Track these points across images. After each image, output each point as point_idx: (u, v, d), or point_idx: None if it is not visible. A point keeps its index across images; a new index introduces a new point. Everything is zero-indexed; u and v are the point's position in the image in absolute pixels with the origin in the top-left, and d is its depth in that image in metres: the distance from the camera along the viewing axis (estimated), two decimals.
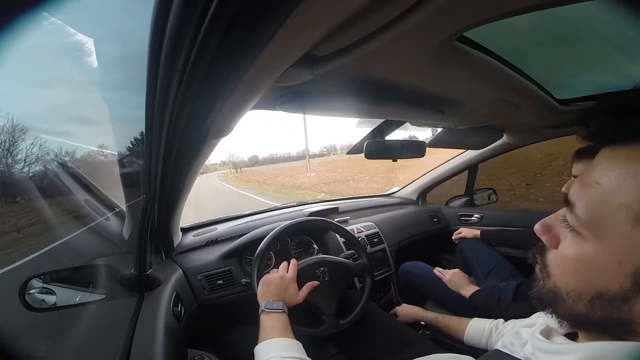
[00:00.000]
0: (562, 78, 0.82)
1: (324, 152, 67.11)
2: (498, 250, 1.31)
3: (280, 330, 0.62)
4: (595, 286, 0.26)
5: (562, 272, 0.30)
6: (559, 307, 0.30)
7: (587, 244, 0.27)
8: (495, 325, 0.74)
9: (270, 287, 0.74)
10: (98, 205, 1.13)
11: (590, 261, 0.27)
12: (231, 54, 0.34)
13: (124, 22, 0.51)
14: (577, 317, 0.28)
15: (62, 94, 6.54)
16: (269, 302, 0.68)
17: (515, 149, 1.47)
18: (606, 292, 0.25)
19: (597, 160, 0.28)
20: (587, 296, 0.27)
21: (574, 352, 0.29)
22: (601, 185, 0.26)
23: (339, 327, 0.84)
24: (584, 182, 0.28)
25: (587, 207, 0.27)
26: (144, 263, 0.72)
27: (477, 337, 0.76)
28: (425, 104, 0.78)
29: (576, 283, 0.28)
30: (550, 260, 0.31)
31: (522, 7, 0.41)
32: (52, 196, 3.07)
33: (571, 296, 0.28)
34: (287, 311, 0.69)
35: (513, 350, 0.39)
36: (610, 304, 0.25)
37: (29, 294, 0.66)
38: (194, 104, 0.42)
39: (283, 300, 0.70)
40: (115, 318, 0.73)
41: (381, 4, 0.34)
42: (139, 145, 0.71)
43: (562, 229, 0.30)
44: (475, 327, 0.77)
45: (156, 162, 0.56)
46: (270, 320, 0.64)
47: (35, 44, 0.50)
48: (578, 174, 0.80)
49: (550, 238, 0.31)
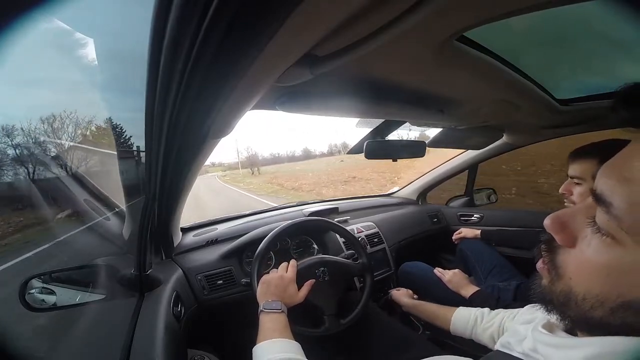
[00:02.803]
0: (563, 78, 0.82)
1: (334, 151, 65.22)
2: (498, 250, 1.31)
3: (279, 330, 0.62)
4: (624, 295, 0.23)
5: (584, 277, 0.26)
6: (569, 310, 0.28)
7: (625, 250, 0.23)
8: (481, 315, 0.74)
9: (269, 287, 0.74)
10: (98, 205, 1.13)
11: (627, 270, 0.23)
12: (231, 54, 0.34)
13: (124, 22, 0.51)
14: (589, 321, 0.26)
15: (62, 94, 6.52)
16: (268, 302, 0.68)
17: (515, 149, 1.47)
18: (636, 302, 0.23)
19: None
20: (611, 304, 0.24)
21: (582, 347, 0.27)
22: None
23: (340, 327, 0.84)
24: (626, 177, 0.23)
25: (631, 206, 0.22)
26: (144, 263, 0.72)
27: (462, 327, 0.76)
28: (425, 104, 0.78)
29: (600, 289, 0.25)
30: (565, 261, 0.28)
31: (522, 7, 0.41)
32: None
33: (590, 302, 0.25)
34: (287, 311, 0.69)
35: (511, 348, 0.38)
36: (635, 313, 0.23)
37: (29, 294, 0.66)
38: (194, 104, 0.42)
39: (282, 300, 0.70)
40: (115, 318, 0.73)
41: (381, 4, 0.34)
42: (139, 145, 0.71)
43: (582, 228, 0.27)
44: (461, 316, 0.78)
45: (156, 162, 0.56)
46: (269, 321, 0.64)
47: (35, 44, 0.50)
48: (574, 174, 0.79)
49: (565, 236, 0.28)
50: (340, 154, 52.82)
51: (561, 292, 0.28)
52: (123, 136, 0.78)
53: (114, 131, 0.96)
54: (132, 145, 0.77)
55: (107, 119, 2.91)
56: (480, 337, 0.72)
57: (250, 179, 24.66)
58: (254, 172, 31.18)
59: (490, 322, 0.70)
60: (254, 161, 40.74)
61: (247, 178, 25.82)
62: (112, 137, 4.21)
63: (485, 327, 0.70)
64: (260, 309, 0.68)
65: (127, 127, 0.72)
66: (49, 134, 5.19)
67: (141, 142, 0.52)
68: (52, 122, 5.59)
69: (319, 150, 76.65)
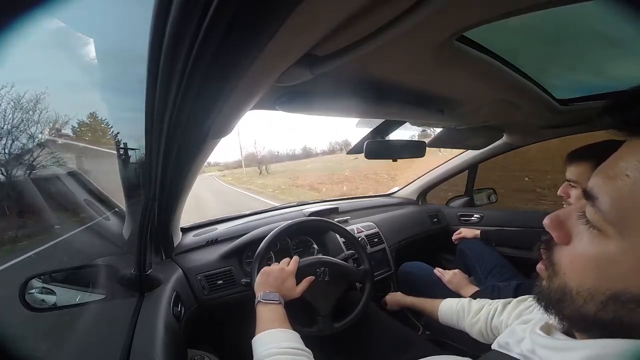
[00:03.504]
0: (562, 78, 0.82)
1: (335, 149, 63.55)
2: (498, 250, 1.31)
3: (278, 321, 0.62)
4: (612, 287, 0.25)
5: (577, 271, 0.28)
6: (565, 307, 0.29)
7: (609, 241, 0.25)
8: (462, 307, 0.76)
9: (268, 278, 0.74)
10: (98, 205, 1.13)
11: (612, 261, 0.25)
12: (231, 54, 0.34)
13: (124, 22, 0.51)
14: (584, 318, 0.27)
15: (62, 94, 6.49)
16: (266, 293, 0.68)
17: (515, 149, 1.47)
18: (623, 294, 0.24)
19: (626, 151, 0.26)
20: (601, 297, 0.25)
21: (579, 349, 0.28)
22: (631, 177, 0.24)
23: (333, 330, 0.83)
24: (610, 175, 0.26)
25: (614, 200, 0.25)
26: (144, 263, 0.72)
27: (448, 317, 0.80)
28: (425, 104, 0.78)
29: (591, 282, 0.26)
30: (561, 257, 0.29)
31: (522, 7, 0.41)
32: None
33: (582, 296, 0.27)
34: (284, 303, 0.69)
35: (509, 349, 0.38)
36: (624, 306, 0.24)
37: (29, 294, 0.66)
38: (194, 104, 0.42)
39: (280, 292, 0.70)
40: (115, 318, 0.73)
41: (381, 4, 0.34)
42: (139, 145, 0.71)
43: (576, 225, 0.28)
44: (446, 308, 0.81)
45: (156, 162, 0.56)
46: (267, 312, 0.64)
47: (35, 44, 0.50)
48: (571, 177, 0.79)
49: (561, 234, 0.30)
50: (342, 151, 51.02)
51: (557, 288, 0.29)
52: (123, 136, 0.78)
53: (114, 131, 0.95)
54: (132, 145, 0.77)
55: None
56: (469, 330, 0.73)
57: (261, 179, 19.68)
58: (261, 171, 25.65)
59: (475, 318, 0.71)
60: (262, 159, 34.16)
61: (255, 178, 20.66)
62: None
63: (472, 323, 0.71)
64: (257, 299, 0.68)
65: (127, 127, 0.72)
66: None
67: (141, 142, 0.52)
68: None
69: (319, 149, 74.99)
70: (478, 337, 0.70)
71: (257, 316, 0.64)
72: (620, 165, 0.25)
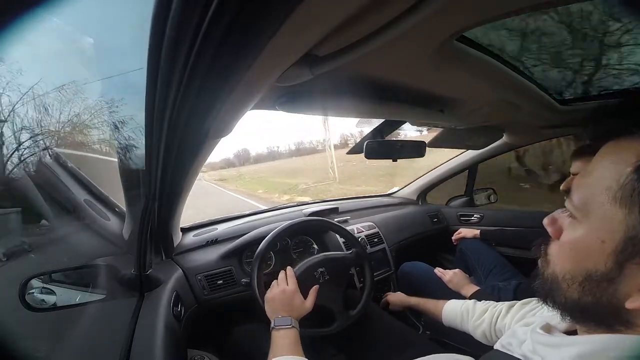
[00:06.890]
0: (562, 78, 0.82)
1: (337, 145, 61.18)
2: (498, 250, 1.31)
3: (288, 346, 0.62)
4: (585, 268, 0.28)
5: (560, 257, 0.32)
6: (555, 294, 0.32)
7: (579, 226, 0.29)
8: (466, 308, 0.76)
9: (275, 304, 0.73)
10: (98, 205, 1.13)
11: (581, 242, 0.29)
12: (231, 54, 0.34)
13: (124, 22, 0.51)
14: (572, 304, 0.30)
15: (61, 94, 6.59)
16: (278, 319, 0.68)
17: (515, 149, 1.47)
18: (594, 272, 0.27)
19: (596, 155, 0.31)
20: (579, 278, 0.29)
21: (575, 345, 0.30)
22: (593, 174, 0.29)
23: (350, 319, 0.85)
24: (583, 174, 0.31)
25: (580, 192, 0.30)
26: (144, 263, 0.72)
27: (452, 318, 0.79)
28: (425, 104, 0.78)
29: (570, 266, 0.30)
30: (552, 249, 0.33)
31: (522, 7, 0.41)
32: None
33: (566, 280, 0.30)
34: (298, 324, 0.69)
35: (511, 349, 0.39)
36: (598, 285, 0.27)
37: (29, 294, 0.66)
38: (194, 104, 0.42)
39: (291, 314, 0.70)
40: (115, 318, 0.73)
41: (381, 4, 0.34)
42: (139, 145, 0.71)
43: (564, 219, 0.32)
44: (450, 309, 0.81)
45: (156, 162, 0.56)
46: (279, 337, 0.65)
47: (34, 44, 0.50)
48: (576, 171, 0.81)
49: (554, 229, 0.33)
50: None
51: (549, 277, 0.33)
52: (123, 136, 0.78)
53: (114, 131, 0.95)
54: (132, 145, 0.77)
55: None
56: (472, 332, 0.73)
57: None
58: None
59: (480, 320, 0.71)
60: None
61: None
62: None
63: (475, 325, 0.71)
64: (272, 325, 0.68)
65: (127, 127, 0.72)
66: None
67: (141, 141, 0.52)
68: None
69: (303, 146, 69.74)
70: (481, 339, 0.70)
71: (271, 341, 0.65)
72: (589, 166, 0.30)
